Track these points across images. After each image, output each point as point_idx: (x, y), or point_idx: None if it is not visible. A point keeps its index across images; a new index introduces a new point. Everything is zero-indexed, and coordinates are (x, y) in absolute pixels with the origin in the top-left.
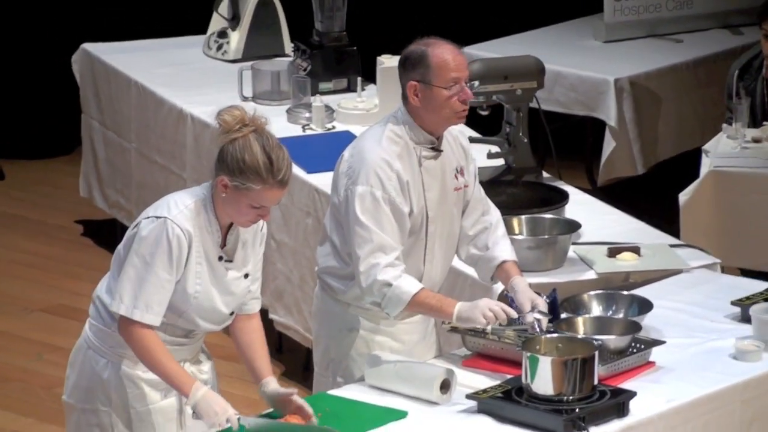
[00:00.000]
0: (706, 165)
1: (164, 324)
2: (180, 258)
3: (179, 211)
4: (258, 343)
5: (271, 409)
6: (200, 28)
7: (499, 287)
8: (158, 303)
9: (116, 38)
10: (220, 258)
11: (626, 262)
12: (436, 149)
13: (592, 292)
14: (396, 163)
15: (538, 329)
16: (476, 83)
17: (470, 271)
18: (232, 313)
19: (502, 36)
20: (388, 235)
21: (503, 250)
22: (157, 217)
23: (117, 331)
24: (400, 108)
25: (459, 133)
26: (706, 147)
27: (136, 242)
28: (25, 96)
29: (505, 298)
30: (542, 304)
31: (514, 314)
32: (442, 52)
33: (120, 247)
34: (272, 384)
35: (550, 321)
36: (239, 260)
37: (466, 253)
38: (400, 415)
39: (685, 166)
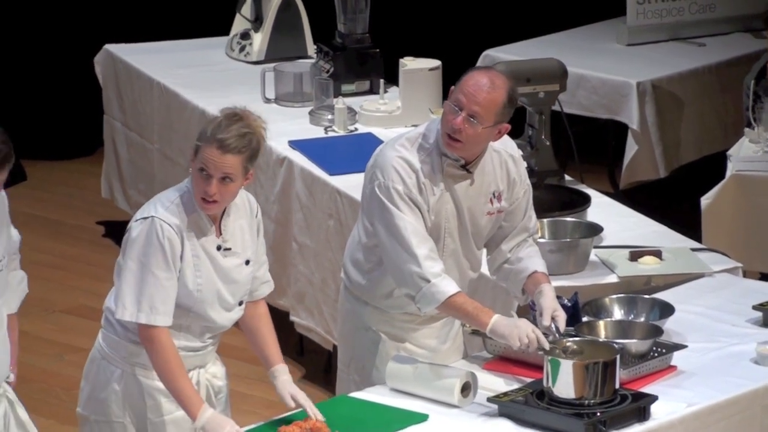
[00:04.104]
0: (729, 169)
1: (180, 326)
2: (174, 254)
3: (165, 207)
4: (265, 328)
5: (283, 414)
6: (223, 29)
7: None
8: (162, 302)
9: (139, 39)
10: (219, 247)
11: (648, 265)
12: (465, 168)
13: (614, 296)
14: (417, 164)
15: (555, 331)
16: (477, 123)
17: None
18: (241, 303)
19: (525, 39)
20: (415, 226)
21: (535, 262)
22: (144, 218)
23: (129, 341)
24: (439, 118)
25: (509, 157)
26: (729, 152)
27: (129, 246)
28: (47, 97)
29: (529, 305)
30: (562, 315)
31: (546, 347)
32: (473, 77)
33: (119, 257)
34: (282, 375)
35: (571, 324)
36: (238, 247)
37: (499, 271)
38: (421, 418)
39: (707, 170)
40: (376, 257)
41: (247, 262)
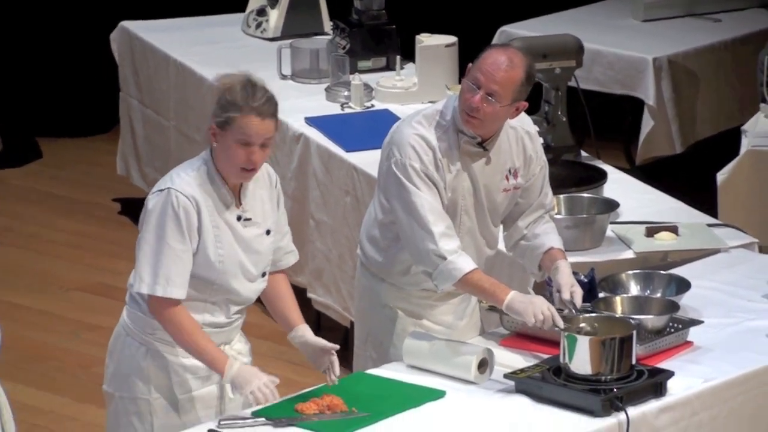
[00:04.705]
0: (744, 145)
1: (205, 300)
2: (190, 225)
3: (182, 179)
4: (285, 292)
5: (300, 391)
6: (239, 6)
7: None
8: (178, 274)
9: (155, 16)
10: (239, 218)
11: (664, 241)
12: (481, 146)
13: (630, 272)
14: (434, 141)
15: (572, 307)
16: (495, 102)
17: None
18: (264, 275)
19: (541, 15)
20: (432, 203)
21: (551, 238)
22: (161, 190)
23: (154, 318)
24: (456, 95)
25: (526, 134)
26: (744, 127)
27: (146, 219)
28: (63, 74)
29: (545, 282)
30: (578, 291)
31: (561, 325)
32: (492, 54)
33: (139, 233)
34: (307, 333)
35: (587, 300)
36: (258, 217)
37: (516, 248)
38: (438, 394)
39: (723, 145)
40: (392, 234)
41: (268, 232)
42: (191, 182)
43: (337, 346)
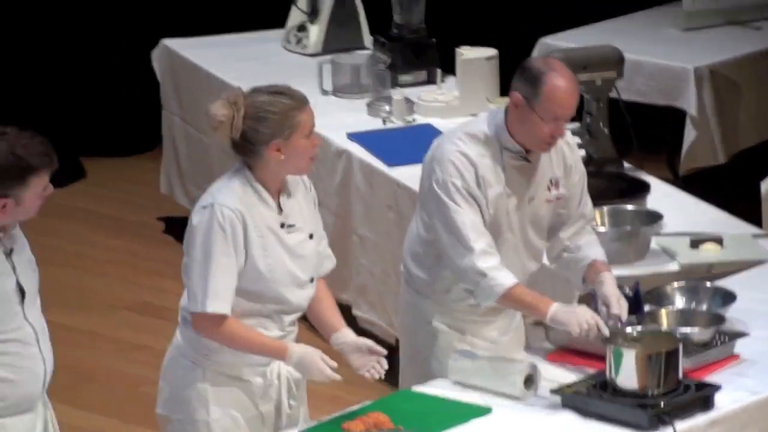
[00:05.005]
0: None
1: (259, 314)
2: (236, 238)
3: (223, 194)
4: (325, 297)
5: (346, 410)
6: (279, 22)
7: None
8: (225, 289)
9: (196, 33)
10: (282, 225)
11: (709, 253)
12: (525, 158)
13: (675, 284)
14: (476, 158)
15: (618, 321)
16: (576, 124)
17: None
18: (312, 280)
19: (581, 25)
20: (473, 220)
21: (595, 251)
22: (204, 207)
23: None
24: (499, 109)
25: (565, 144)
26: None
27: (191, 236)
28: (105, 93)
29: (590, 295)
30: (625, 304)
31: (606, 333)
32: (558, 84)
33: (184, 255)
34: (350, 335)
35: (633, 314)
36: (300, 222)
37: (558, 261)
38: (485, 411)
39: (766, 154)
40: (435, 251)
41: (311, 236)
42: (233, 195)
43: (385, 351)
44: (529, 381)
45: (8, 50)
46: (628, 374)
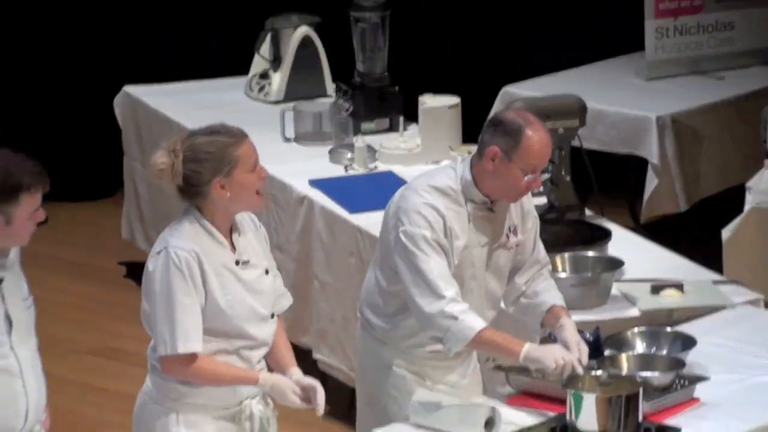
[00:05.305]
0: (749, 202)
1: (226, 355)
2: (194, 278)
3: (175, 237)
4: (279, 335)
5: None
6: (242, 69)
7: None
8: (194, 329)
9: (158, 80)
10: (237, 262)
11: (669, 299)
12: (490, 209)
13: (636, 329)
14: (444, 210)
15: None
16: (546, 175)
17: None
18: (272, 316)
19: (543, 74)
20: (442, 269)
21: (553, 296)
22: (158, 252)
23: (178, 382)
24: (463, 161)
25: None
26: (749, 184)
27: (149, 283)
28: (66, 139)
29: (549, 338)
30: (585, 349)
31: (580, 371)
32: (536, 137)
33: (143, 301)
34: (296, 374)
35: (593, 358)
36: (255, 259)
37: (516, 306)
38: None
39: (728, 203)
40: (398, 301)
41: (267, 272)
42: (186, 236)
43: (317, 382)
44: (490, 424)
45: None
46: (588, 417)
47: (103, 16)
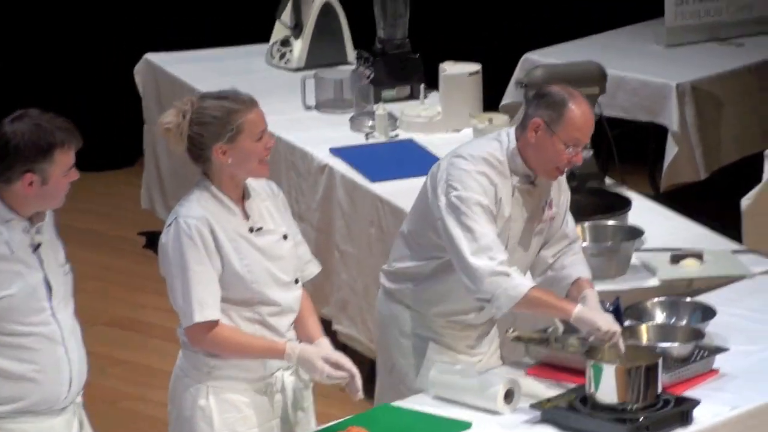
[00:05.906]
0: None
1: (254, 322)
2: (207, 245)
3: (185, 207)
4: (305, 306)
5: (328, 424)
6: (263, 36)
7: None
8: (210, 295)
9: (179, 48)
10: (251, 229)
11: (689, 268)
12: (533, 183)
13: (655, 300)
14: (495, 179)
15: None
16: (590, 152)
17: None
18: (297, 282)
19: (564, 41)
20: (494, 237)
21: (578, 269)
22: (169, 225)
23: (208, 355)
24: (509, 132)
25: None
26: (767, 152)
27: (163, 255)
28: (87, 107)
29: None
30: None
31: (623, 348)
32: (579, 110)
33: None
34: (325, 345)
35: None
36: (271, 225)
37: (543, 278)
38: (464, 426)
39: (747, 171)
40: (431, 265)
41: (285, 237)
42: (195, 205)
43: (355, 371)
44: (509, 395)
45: None
46: (607, 389)
47: None
